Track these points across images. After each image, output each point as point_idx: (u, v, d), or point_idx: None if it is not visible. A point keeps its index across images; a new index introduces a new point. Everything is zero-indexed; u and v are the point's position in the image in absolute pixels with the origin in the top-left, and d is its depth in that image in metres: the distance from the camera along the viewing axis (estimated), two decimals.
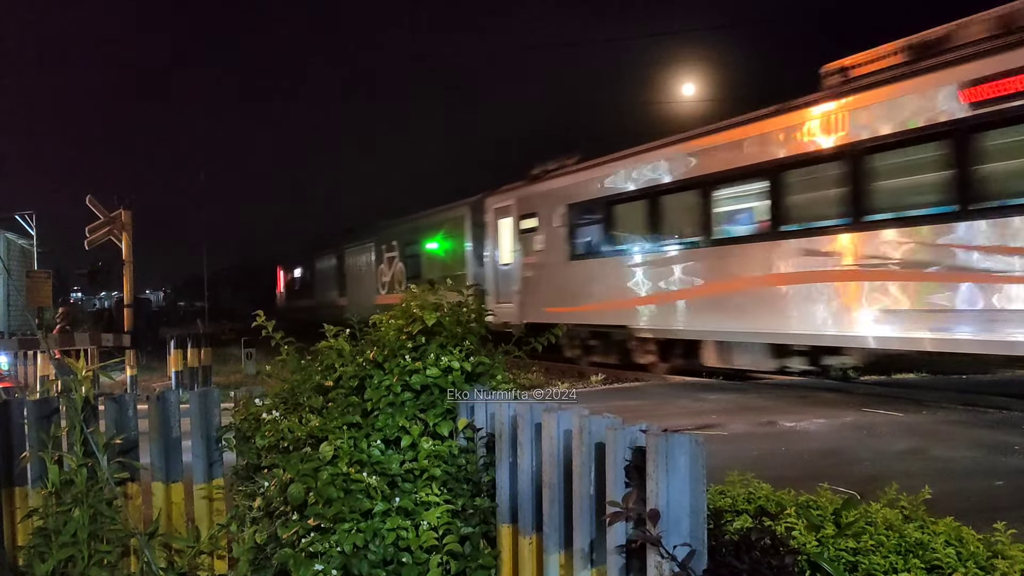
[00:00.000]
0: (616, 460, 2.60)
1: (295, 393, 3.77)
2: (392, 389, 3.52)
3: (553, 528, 2.95)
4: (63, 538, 3.71)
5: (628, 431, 2.61)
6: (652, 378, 17.09)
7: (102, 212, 16.49)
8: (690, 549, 2.36)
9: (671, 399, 13.00)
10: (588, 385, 15.94)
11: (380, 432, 3.47)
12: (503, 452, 3.27)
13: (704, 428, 9.65)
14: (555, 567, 2.94)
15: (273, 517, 3.44)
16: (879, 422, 10.10)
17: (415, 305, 3.75)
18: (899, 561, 2.72)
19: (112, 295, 41.45)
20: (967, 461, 7.81)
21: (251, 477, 3.70)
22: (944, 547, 2.77)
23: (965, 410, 10.98)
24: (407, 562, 3.22)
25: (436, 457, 3.43)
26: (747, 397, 12.99)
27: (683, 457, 2.39)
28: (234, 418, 3.87)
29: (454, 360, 3.60)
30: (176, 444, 4.06)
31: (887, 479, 3.34)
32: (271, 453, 3.58)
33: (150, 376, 18.72)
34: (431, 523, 3.26)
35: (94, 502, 3.78)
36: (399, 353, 3.61)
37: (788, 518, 3.01)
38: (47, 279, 17.24)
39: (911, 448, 8.44)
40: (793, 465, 7.68)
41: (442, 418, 3.51)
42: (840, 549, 2.80)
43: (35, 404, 4.12)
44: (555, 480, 2.96)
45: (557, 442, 2.95)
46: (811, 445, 8.70)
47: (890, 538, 2.81)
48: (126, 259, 16.78)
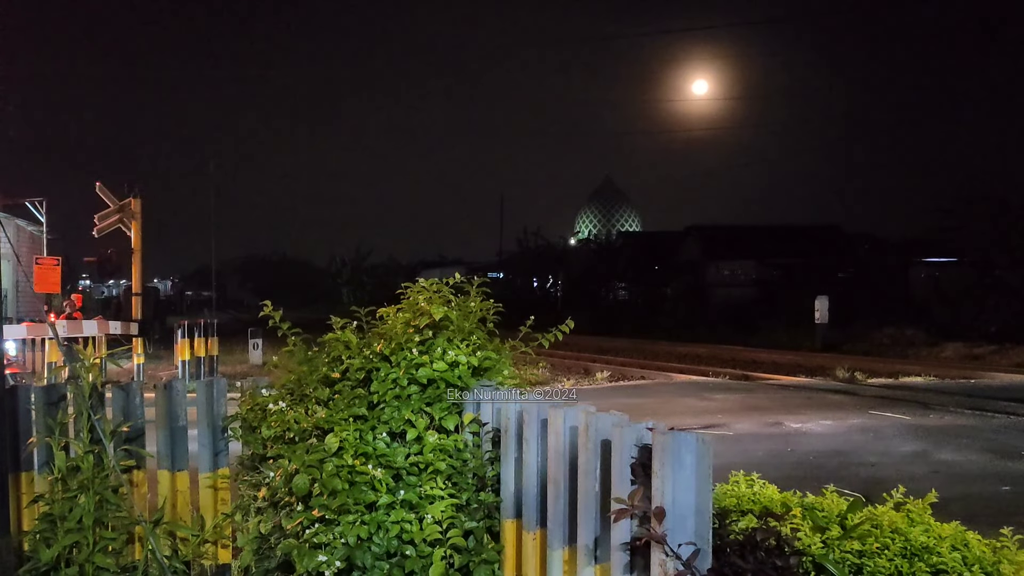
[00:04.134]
0: (622, 457, 2.59)
1: (301, 384, 3.77)
2: (399, 382, 3.52)
3: (558, 524, 2.95)
4: (68, 524, 3.72)
5: (634, 429, 2.60)
6: (658, 376, 17.06)
7: (111, 200, 16.53)
8: (695, 548, 2.35)
9: (677, 397, 12.99)
10: (594, 382, 15.94)
11: (386, 425, 3.47)
12: (509, 447, 3.27)
13: (710, 427, 9.64)
14: (559, 563, 2.94)
15: (278, 508, 3.44)
16: (886, 425, 10.07)
17: (423, 299, 3.75)
18: (904, 564, 2.71)
19: (120, 283, 41.58)
20: (974, 465, 7.78)
21: (256, 467, 3.70)
22: (950, 551, 2.75)
23: (972, 414, 10.94)
24: (411, 555, 3.21)
25: (441, 451, 3.43)
26: (754, 397, 12.96)
27: (689, 456, 2.38)
28: (240, 408, 3.87)
29: (461, 354, 3.59)
30: (182, 433, 4.07)
31: (893, 482, 3.33)
32: (277, 444, 3.58)
33: (157, 365, 18.79)
34: (435, 517, 3.25)
35: (100, 489, 3.79)
36: (406, 346, 3.60)
37: (793, 519, 3.00)
38: (56, 266, 17.29)
39: (917, 451, 8.41)
40: (799, 466, 7.66)
41: (448, 412, 3.50)
42: (845, 551, 2.78)
43: (42, 390, 4.13)
44: (560, 476, 2.95)
45: (563, 438, 2.94)
46: (817, 446, 8.68)
47: (895, 541, 2.79)
48: (135, 247, 16.82)
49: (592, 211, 71.77)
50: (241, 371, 17.01)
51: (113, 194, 16.62)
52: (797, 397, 12.92)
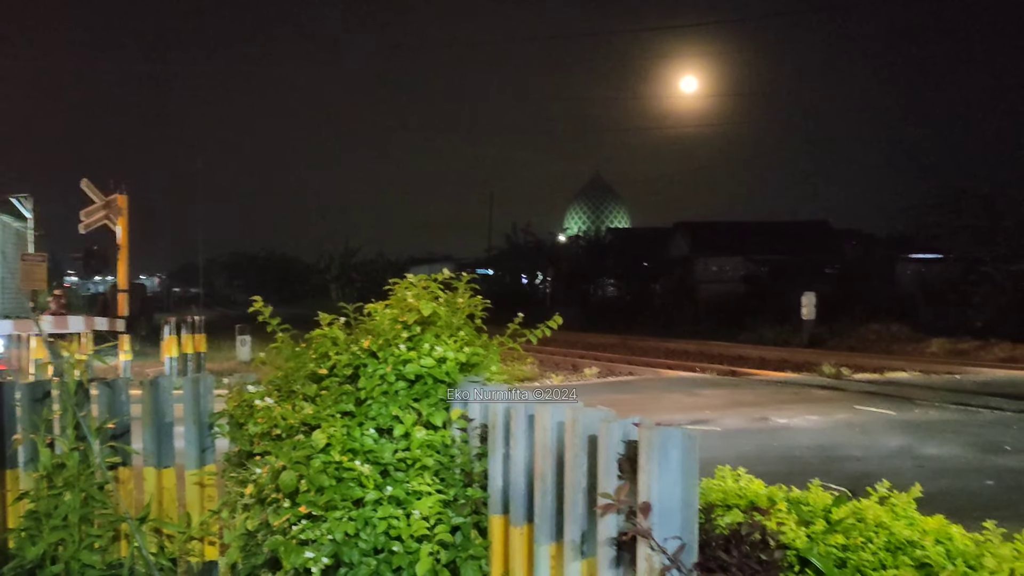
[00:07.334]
0: (609, 453, 2.60)
1: (289, 380, 3.76)
2: (386, 378, 3.52)
3: (545, 519, 2.96)
4: (54, 521, 3.70)
5: (621, 424, 2.61)
6: (646, 372, 17.11)
7: (97, 196, 16.42)
8: (681, 542, 2.37)
9: (665, 393, 13.04)
10: (582, 378, 15.97)
11: (373, 421, 3.47)
12: (496, 443, 3.27)
13: (698, 423, 9.68)
14: (546, 558, 2.95)
15: (265, 504, 3.43)
16: (871, 420, 10.15)
17: (411, 295, 3.75)
18: (888, 558, 2.73)
19: (107, 280, 41.29)
20: (958, 460, 7.85)
21: (243, 464, 3.70)
22: (934, 545, 2.78)
23: (957, 409, 11.03)
24: (398, 551, 3.22)
25: (429, 447, 3.43)
26: (741, 393, 13.02)
27: (675, 451, 2.40)
28: (227, 405, 3.86)
29: (448, 350, 3.59)
30: (168, 430, 4.05)
31: (878, 476, 3.35)
32: (264, 440, 3.57)
33: (144, 362, 18.69)
34: (423, 513, 3.26)
35: (85, 486, 3.77)
36: (393, 342, 3.60)
37: (779, 513, 3.02)
38: (42, 262, 17.17)
39: (903, 446, 8.48)
40: (785, 461, 7.71)
41: (436, 408, 3.50)
42: (830, 545, 2.80)
43: (28, 387, 4.11)
44: (548, 472, 2.96)
45: (550, 434, 2.95)
46: (803, 441, 8.73)
47: (879, 535, 2.82)
48: (121, 244, 16.72)
49: (581, 208, 71.87)
50: (229, 368, 16.95)
51: (100, 190, 16.51)
52: (784, 393, 12.99)
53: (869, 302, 29.72)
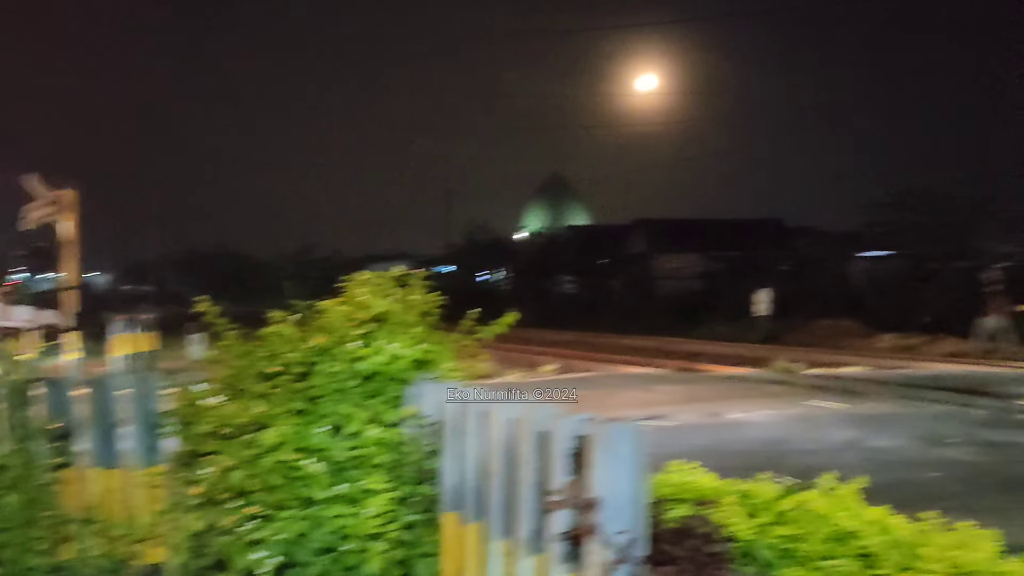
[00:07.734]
0: (560, 449, 2.62)
1: (239, 379, 3.71)
2: (339, 376, 3.49)
3: (497, 516, 2.96)
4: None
5: (572, 420, 2.63)
6: (604, 368, 17.20)
7: (42, 192, 16.01)
8: (630, 536, 2.39)
9: (621, 389, 13.12)
10: (540, 375, 15.99)
11: (326, 419, 3.44)
12: (448, 440, 3.27)
13: (653, 419, 9.76)
14: (498, 554, 2.95)
15: (214, 504, 3.39)
16: (822, 414, 10.33)
17: (366, 291, 3.72)
18: (832, 548, 2.79)
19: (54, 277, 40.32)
20: (905, 452, 8.03)
21: (191, 464, 3.64)
22: (876, 535, 2.84)
23: (906, 403, 11.28)
24: (349, 550, 3.20)
25: (382, 445, 3.41)
26: (696, 388, 13.17)
27: (625, 447, 2.42)
28: (176, 404, 3.79)
29: (402, 347, 3.58)
30: (115, 430, 3.98)
31: (829, 469, 3.41)
32: (213, 439, 3.52)
33: (91, 360, 18.28)
34: (376, 510, 3.24)
35: (29, 488, 3.69)
36: (347, 339, 3.58)
37: (728, 506, 3.06)
38: None
39: (852, 439, 8.65)
40: (739, 455, 7.80)
41: (389, 405, 3.49)
42: (775, 537, 2.85)
43: None
44: (499, 468, 2.97)
45: (502, 430, 2.96)
46: (757, 435, 8.86)
47: (823, 526, 2.87)
48: (70, 240, 16.34)
49: (540, 205, 71.99)
50: (179, 366, 16.66)
51: (47, 186, 16.11)
52: (738, 388, 13.17)
53: (821, 299, 30.25)
